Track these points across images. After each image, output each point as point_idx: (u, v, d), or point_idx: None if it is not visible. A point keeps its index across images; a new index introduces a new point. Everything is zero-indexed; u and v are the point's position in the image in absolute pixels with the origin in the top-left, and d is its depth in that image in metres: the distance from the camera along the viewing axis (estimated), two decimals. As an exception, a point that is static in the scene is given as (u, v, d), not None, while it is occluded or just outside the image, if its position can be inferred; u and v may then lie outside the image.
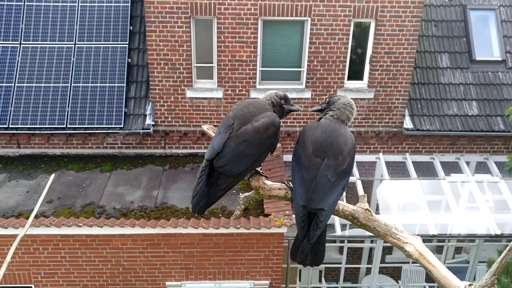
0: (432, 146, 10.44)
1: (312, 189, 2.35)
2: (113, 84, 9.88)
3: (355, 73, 9.88)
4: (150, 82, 9.73)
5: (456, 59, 10.51)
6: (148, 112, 9.93)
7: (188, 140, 10.19)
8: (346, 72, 9.76)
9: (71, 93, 9.79)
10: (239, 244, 8.20)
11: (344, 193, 2.58)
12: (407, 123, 10.11)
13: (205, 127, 2.66)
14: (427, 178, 10.05)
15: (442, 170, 9.99)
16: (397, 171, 10.65)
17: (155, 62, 9.50)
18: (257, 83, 9.72)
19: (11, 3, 10.10)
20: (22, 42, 10.00)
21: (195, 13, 9.12)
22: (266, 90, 3.99)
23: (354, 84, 9.92)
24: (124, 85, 9.89)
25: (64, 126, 9.67)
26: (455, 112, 10.19)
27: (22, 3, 10.11)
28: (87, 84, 9.85)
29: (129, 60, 10.08)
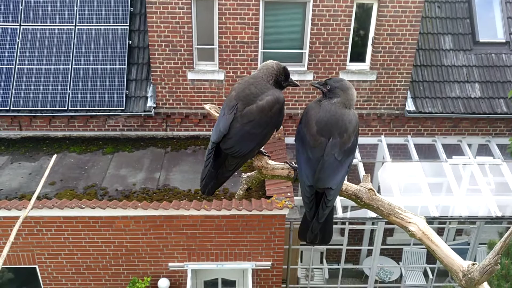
0: (434, 129, 10.41)
1: (319, 169, 2.34)
2: (114, 66, 9.82)
3: (357, 55, 9.81)
4: (151, 64, 9.68)
5: (459, 41, 10.41)
6: (150, 95, 9.90)
7: (190, 123, 10.18)
8: (348, 54, 9.68)
9: (72, 76, 9.74)
10: (241, 226, 8.25)
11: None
12: (409, 106, 10.07)
13: (207, 106, 2.64)
14: (429, 161, 10.05)
15: (444, 153, 9.98)
16: (399, 154, 10.64)
17: (156, 44, 9.44)
18: (259, 65, 9.63)
19: (11, -16, 10.00)
20: (22, 24, 9.92)
21: (196, -6, 9.03)
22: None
23: (356, 66, 9.85)
24: (125, 67, 9.83)
25: (66, 109, 9.65)
26: (458, 95, 10.13)
27: (22, -16, 10.02)
28: (88, 66, 9.80)
29: (130, 42, 10.01)
